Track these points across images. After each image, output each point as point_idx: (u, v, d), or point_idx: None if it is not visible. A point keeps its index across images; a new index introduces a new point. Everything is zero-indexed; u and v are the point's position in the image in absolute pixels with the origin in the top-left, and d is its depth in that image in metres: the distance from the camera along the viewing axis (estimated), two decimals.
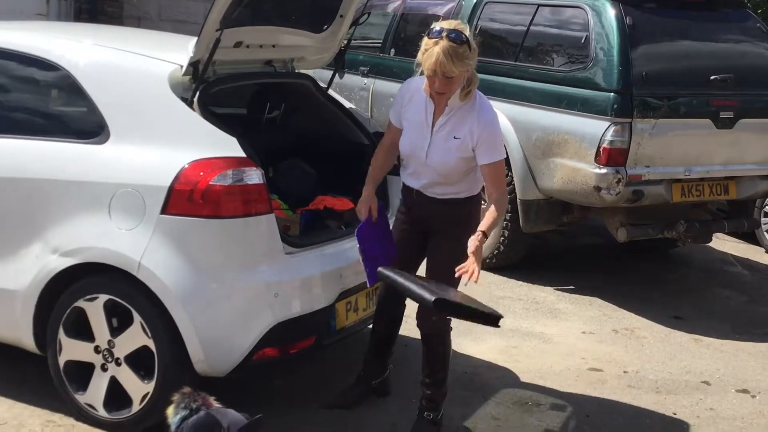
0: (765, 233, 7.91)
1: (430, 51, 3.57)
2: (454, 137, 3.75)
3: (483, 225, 3.71)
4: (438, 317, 3.86)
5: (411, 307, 4.21)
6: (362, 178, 4.18)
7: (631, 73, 5.81)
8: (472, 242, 3.64)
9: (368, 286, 4.02)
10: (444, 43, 3.54)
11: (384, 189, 4.52)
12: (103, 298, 3.79)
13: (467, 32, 3.63)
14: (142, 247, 3.68)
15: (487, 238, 3.72)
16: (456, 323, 4.07)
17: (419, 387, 4.07)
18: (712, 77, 6.11)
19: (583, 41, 6.09)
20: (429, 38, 3.61)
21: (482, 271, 6.40)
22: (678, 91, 6.00)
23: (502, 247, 6.50)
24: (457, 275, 3.64)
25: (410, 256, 4.04)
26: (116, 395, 3.84)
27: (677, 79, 6.05)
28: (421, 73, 3.70)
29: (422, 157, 3.82)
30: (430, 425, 4.02)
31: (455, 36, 3.55)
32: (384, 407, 4.29)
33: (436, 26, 3.65)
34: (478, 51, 3.68)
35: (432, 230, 3.94)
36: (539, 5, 6.55)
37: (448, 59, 3.53)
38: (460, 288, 3.78)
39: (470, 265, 3.59)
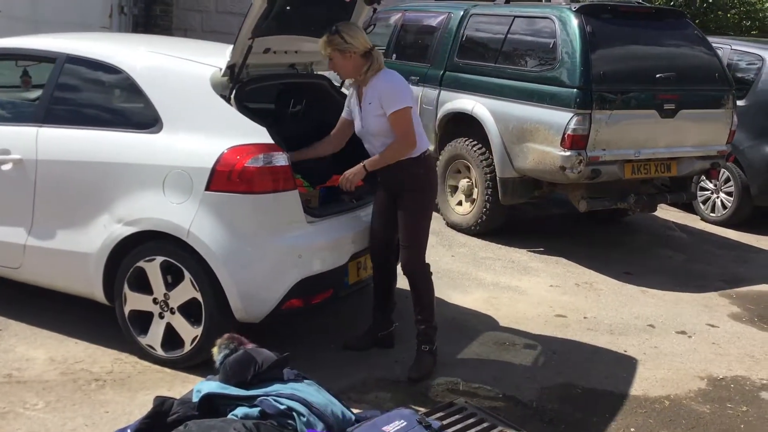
0: (700, 204, 7.89)
1: None
2: (369, 103, 3.88)
3: (367, 162, 3.91)
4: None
5: None
6: None
7: (590, 73, 5.76)
8: (352, 170, 3.92)
9: None
10: (326, 35, 3.84)
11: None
12: (160, 259, 3.81)
13: (344, 26, 3.86)
14: (190, 218, 3.69)
15: (366, 171, 3.91)
16: (445, 277, 4.07)
17: (415, 327, 4.09)
18: (657, 75, 6.06)
19: (551, 46, 6.04)
20: None
21: (468, 236, 6.51)
22: (629, 87, 5.95)
23: (484, 217, 6.49)
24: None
25: (388, 223, 4.06)
26: (171, 338, 3.88)
27: (629, 77, 6.00)
28: None
29: (361, 130, 3.97)
30: (427, 355, 4.05)
31: (332, 29, 3.83)
32: (387, 348, 4.30)
33: None
34: (361, 41, 3.85)
35: (396, 197, 3.99)
36: (515, 17, 6.50)
37: (322, 45, 3.86)
38: (436, 255, 3.80)
39: (343, 177, 3.95)
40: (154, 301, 3.87)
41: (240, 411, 2.91)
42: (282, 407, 2.90)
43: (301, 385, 3.08)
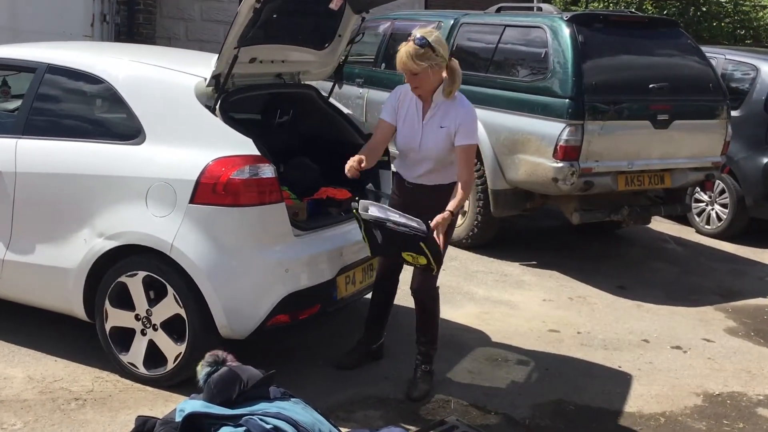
0: (695, 216, 7.94)
1: (399, 52, 3.70)
2: (441, 126, 3.79)
3: (450, 205, 3.71)
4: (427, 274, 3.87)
5: (403, 278, 4.23)
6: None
7: (582, 83, 5.80)
8: (438, 217, 3.62)
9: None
10: (408, 45, 3.66)
11: (377, 182, 4.52)
12: (142, 274, 3.80)
13: (432, 37, 3.67)
14: (173, 231, 3.68)
15: (452, 215, 3.72)
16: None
17: (415, 346, 4.09)
18: (650, 86, 6.11)
19: (542, 56, 6.08)
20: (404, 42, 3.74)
21: (459, 249, 6.51)
22: (622, 97, 5.99)
23: (476, 230, 6.50)
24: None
25: None
26: (154, 355, 3.86)
27: (621, 88, 6.04)
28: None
29: (416, 147, 3.84)
30: (427, 375, 4.05)
31: (418, 40, 3.65)
32: (377, 364, 4.29)
33: (413, 32, 3.73)
34: (447, 52, 3.73)
35: (420, 215, 3.93)
36: (506, 26, 6.54)
37: (408, 58, 3.65)
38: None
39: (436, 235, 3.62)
40: (136, 317, 3.85)
41: (225, 431, 2.89)
42: (268, 426, 2.88)
43: (288, 404, 3.07)
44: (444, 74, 3.76)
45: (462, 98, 3.86)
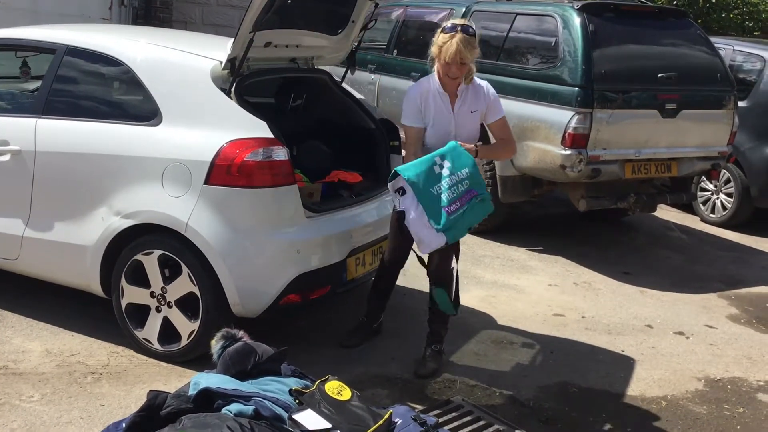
0: (700, 204, 7.90)
1: (448, 43, 3.68)
2: (472, 111, 3.88)
3: (482, 147, 3.87)
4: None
5: (409, 261, 4.23)
6: (369, 156, 4.18)
7: (592, 71, 5.76)
8: (467, 145, 3.77)
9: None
10: (460, 35, 3.66)
11: (387, 167, 4.51)
12: (157, 252, 3.81)
13: (474, 27, 3.78)
14: (188, 211, 3.69)
15: (476, 154, 3.79)
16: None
17: (422, 326, 4.12)
18: (659, 75, 6.06)
19: (553, 44, 6.04)
20: (444, 33, 3.71)
21: (467, 234, 6.43)
22: (631, 86, 5.95)
23: None
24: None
25: None
26: (168, 332, 3.88)
27: (630, 77, 6.00)
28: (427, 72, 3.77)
29: (447, 134, 3.87)
30: (436, 354, 4.08)
31: (468, 29, 3.70)
32: (384, 344, 4.31)
33: (449, 23, 3.76)
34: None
35: None
36: (517, 14, 6.50)
37: (465, 47, 3.67)
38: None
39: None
40: (152, 294, 3.88)
41: (234, 407, 2.89)
42: (277, 412, 2.88)
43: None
44: None
45: (477, 80, 3.95)
